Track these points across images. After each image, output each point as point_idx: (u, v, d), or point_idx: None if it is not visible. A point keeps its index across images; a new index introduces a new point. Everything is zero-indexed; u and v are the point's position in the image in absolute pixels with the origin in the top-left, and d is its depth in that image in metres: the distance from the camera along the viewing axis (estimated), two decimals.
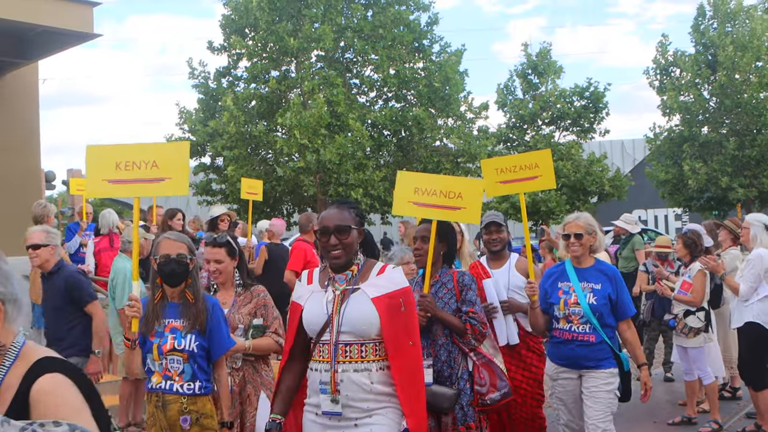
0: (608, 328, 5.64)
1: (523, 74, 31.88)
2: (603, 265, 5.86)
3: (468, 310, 5.25)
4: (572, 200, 30.20)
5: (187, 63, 27.65)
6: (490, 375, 5.35)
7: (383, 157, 27.24)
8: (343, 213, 4.07)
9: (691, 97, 29.99)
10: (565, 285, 5.76)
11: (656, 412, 9.22)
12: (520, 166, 6.29)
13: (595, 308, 5.61)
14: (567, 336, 5.70)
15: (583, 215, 5.89)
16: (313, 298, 4.04)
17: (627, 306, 5.71)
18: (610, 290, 5.64)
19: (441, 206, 5.47)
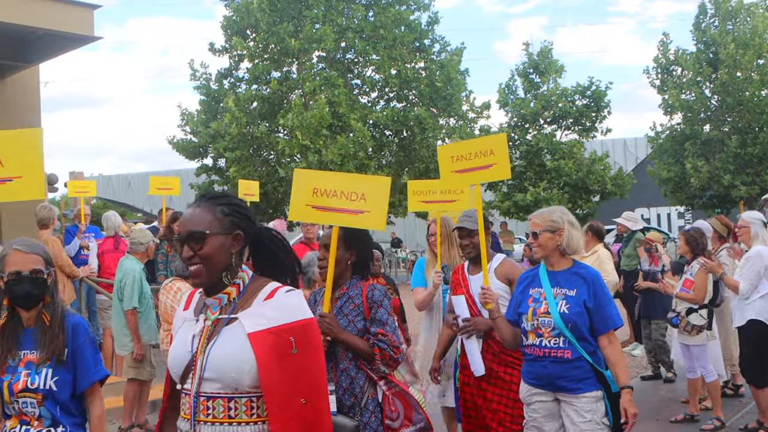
0: (587, 342, 4.78)
1: (525, 73, 31.86)
2: (581, 267, 4.98)
3: (377, 332, 4.45)
4: (574, 199, 30.18)
5: (189, 65, 27.74)
6: (403, 407, 4.57)
7: (385, 158, 27.28)
8: (204, 213, 3.02)
9: (692, 95, 29.96)
10: (536, 291, 4.96)
11: (659, 410, 9.23)
12: (475, 153, 5.64)
13: (567, 318, 4.76)
14: (537, 352, 4.86)
15: (548, 210, 5.09)
16: (183, 330, 3.07)
17: (608, 316, 4.80)
18: (586, 296, 4.79)
19: (341, 210, 4.74)
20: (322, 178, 4.94)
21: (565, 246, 4.88)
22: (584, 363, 4.73)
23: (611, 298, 4.94)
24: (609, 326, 4.79)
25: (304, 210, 4.82)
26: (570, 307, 4.77)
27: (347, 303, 4.61)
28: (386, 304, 4.58)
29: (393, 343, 4.45)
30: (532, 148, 30.56)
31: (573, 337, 4.73)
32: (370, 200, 4.68)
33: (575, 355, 4.74)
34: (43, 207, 9.75)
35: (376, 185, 4.80)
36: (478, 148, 5.76)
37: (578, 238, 4.97)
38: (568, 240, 4.89)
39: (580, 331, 4.74)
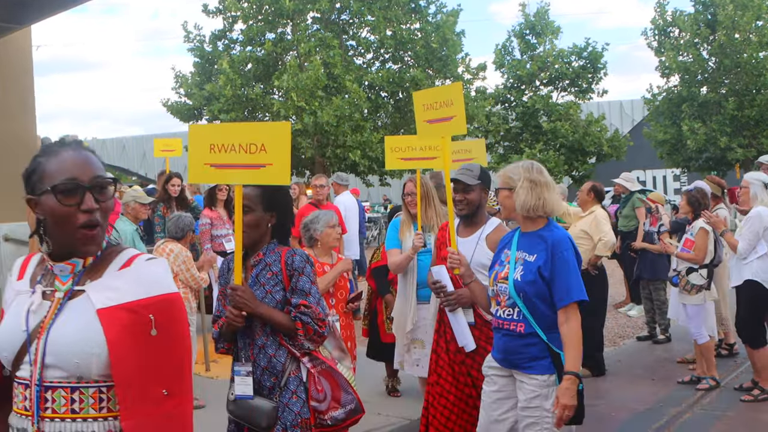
0: (544, 316, 4.26)
1: (521, 34, 31.68)
2: (548, 230, 4.39)
3: (299, 303, 3.97)
4: (570, 161, 30.15)
5: (182, 26, 27.48)
6: (331, 386, 4.10)
7: (381, 119, 27.15)
8: None
9: (690, 57, 29.78)
10: (506, 254, 4.51)
11: (655, 369, 9.29)
12: (439, 102, 5.53)
13: (518, 286, 4.28)
14: (497, 322, 4.48)
15: (514, 165, 4.60)
16: (16, 305, 2.49)
17: (565, 287, 4.20)
18: (542, 263, 4.24)
19: (241, 165, 4.08)
20: (218, 132, 4.26)
21: (521, 205, 4.36)
22: (538, 340, 4.24)
23: (574, 266, 4.27)
24: (566, 299, 4.19)
25: (202, 171, 4.16)
26: (524, 275, 4.27)
27: (264, 271, 4.09)
28: (308, 271, 4.08)
29: (317, 315, 3.98)
30: (528, 110, 30.47)
31: (526, 308, 4.26)
32: (271, 151, 4.05)
33: (528, 330, 4.26)
34: None
35: (275, 133, 4.18)
36: (441, 97, 5.65)
37: (548, 198, 4.36)
38: (525, 198, 4.33)
39: (533, 303, 4.24)
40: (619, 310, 12.93)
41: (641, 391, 8.35)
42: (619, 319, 12.36)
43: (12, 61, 11.71)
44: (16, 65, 11.94)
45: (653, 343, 10.62)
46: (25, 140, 11.88)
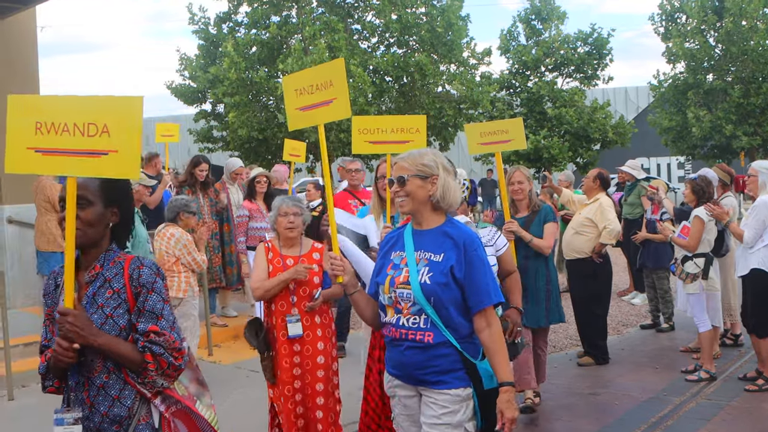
0: (455, 322, 3.76)
1: (527, 19, 31.56)
2: (453, 226, 3.91)
3: (148, 329, 3.16)
4: (575, 147, 30.08)
5: (187, 8, 27.36)
6: (188, 430, 3.40)
7: (385, 104, 27.03)
8: None
9: (696, 43, 29.63)
10: (398, 255, 3.95)
11: (659, 358, 9.28)
12: (315, 85, 5.28)
13: (428, 290, 3.73)
14: (395, 333, 3.85)
15: (419, 152, 3.97)
16: None
17: (483, 289, 3.76)
18: (454, 262, 3.75)
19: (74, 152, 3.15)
20: (46, 107, 3.27)
21: (439, 197, 3.85)
22: (451, 350, 3.73)
23: (489, 265, 3.85)
24: (485, 302, 3.74)
25: (24, 156, 3.22)
26: (433, 276, 3.74)
27: (102, 289, 3.20)
28: (160, 286, 3.24)
29: (172, 343, 3.18)
30: (533, 96, 30.37)
31: (436, 315, 3.72)
32: (116, 134, 3.15)
33: (439, 339, 3.73)
34: None
35: (124, 108, 3.18)
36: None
37: (455, 189, 3.92)
38: (443, 190, 3.86)
39: (445, 308, 3.73)
40: (623, 298, 12.92)
41: (645, 379, 8.34)
42: (622, 307, 12.34)
43: (17, 42, 11.70)
44: (21, 46, 11.92)
45: (657, 332, 10.61)
46: None
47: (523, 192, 7.48)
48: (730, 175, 9.53)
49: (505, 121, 7.40)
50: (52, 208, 9.39)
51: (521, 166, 7.61)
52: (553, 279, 7.57)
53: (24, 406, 7.82)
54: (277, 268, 5.84)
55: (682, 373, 8.46)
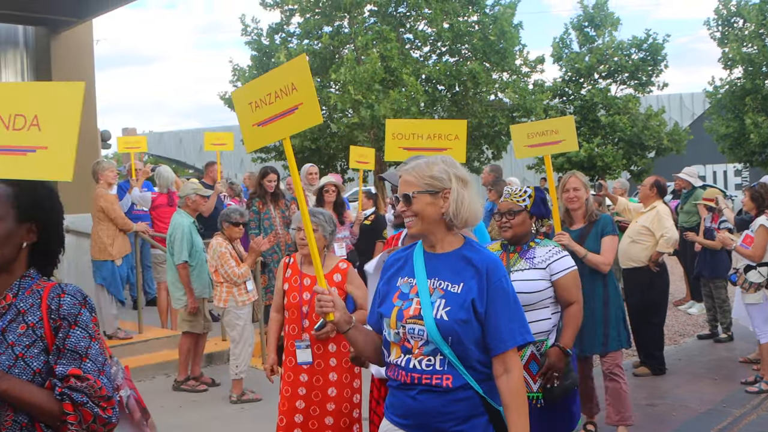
0: (478, 363, 3.17)
1: (579, 26, 31.28)
2: (475, 249, 3.29)
3: (69, 373, 2.56)
4: (629, 155, 29.71)
5: (240, 20, 27.62)
6: None
7: (438, 112, 26.99)
8: None
9: (754, 48, 29.07)
10: (406, 283, 3.31)
11: (717, 369, 9.11)
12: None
13: (445, 327, 3.11)
14: (403, 376, 3.20)
15: (426, 162, 3.30)
16: None
17: (506, 329, 3.16)
18: (476, 294, 3.14)
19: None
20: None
21: (452, 214, 3.21)
22: (471, 393, 3.16)
23: (515, 298, 3.24)
24: (506, 344, 3.15)
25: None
26: (451, 311, 3.13)
27: (14, 324, 2.63)
28: (85, 318, 2.65)
29: (98, 390, 2.57)
30: (586, 103, 30.06)
31: (454, 355, 3.12)
32: (48, 128, 2.75)
33: (458, 382, 3.13)
34: (96, 163, 9.90)
35: (60, 97, 2.77)
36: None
37: (471, 204, 3.26)
38: (458, 206, 3.21)
39: (465, 347, 3.13)
40: (680, 308, 12.71)
41: (703, 390, 8.19)
42: (679, 317, 12.14)
43: (74, 55, 11.94)
44: (78, 59, 12.16)
45: (715, 342, 10.42)
46: (86, 133, 12.13)
47: (578, 200, 6.65)
48: None
49: (554, 120, 6.76)
50: (105, 217, 9.53)
51: (578, 172, 6.80)
52: (612, 300, 6.56)
53: None
54: (294, 287, 5.46)
55: (741, 384, 8.28)
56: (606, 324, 6.52)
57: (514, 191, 5.05)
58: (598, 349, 6.61)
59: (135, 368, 9.18)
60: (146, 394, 8.69)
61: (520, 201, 4.96)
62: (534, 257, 4.93)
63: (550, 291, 4.90)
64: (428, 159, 3.32)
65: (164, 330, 10.51)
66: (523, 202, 4.96)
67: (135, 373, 9.06)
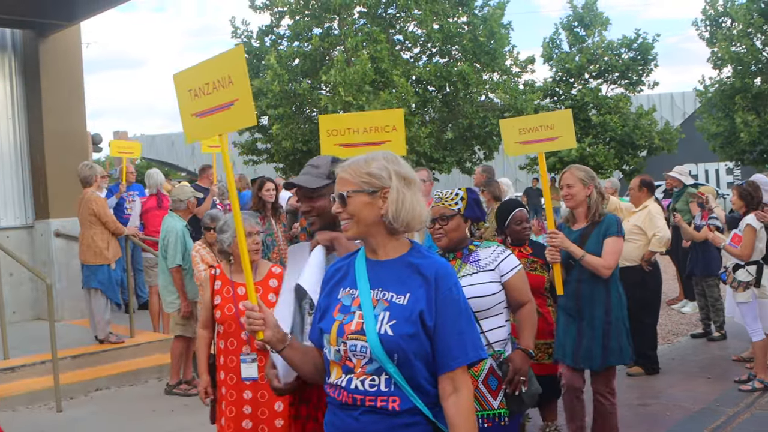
0: (427, 382, 2.81)
1: (569, 26, 31.36)
2: (422, 255, 2.92)
3: None
4: (621, 154, 29.78)
5: (230, 22, 27.62)
6: None
7: (428, 113, 27.01)
8: None
9: (743, 47, 29.19)
10: (348, 294, 2.94)
11: (710, 368, 9.09)
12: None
13: (390, 344, 2.73)
14: (345, 397, 2.83)
15: (365, 158, 2.95)
16: None
17: (457, 345, 2.78)
18: (425, 306, 2.77)
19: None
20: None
21: (392, 217, 2.84)
22: (420, 418, 2.80)
23: (467, 310, 2.87)
24: (457, 361, 2.78)
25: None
26: (396, 325, 2.75)
27: None
28: None
29: None
30: (577, 103, 30.12)
31: (401, 375, 2.75)
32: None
33: (406, 406, 2.77)
34: (84, 165, 9.82)
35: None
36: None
37: (414, 205, 2.88)
38: (398, 207, 2.84)
39: (412, 365, 2.77)
40: (672, 307, 12.71)
41: (696, 390, 8.17)
42: (672, 316, 12.14)
43: (63, 58, 11.88)
44: (66, 62, 12.09)
45: (708, 341, 10.40)
46: (76, 136, 12.07)
47: (574, 198, 5.96)
48: None
49: (550, 114, 6.27)
50: (97, 221, 9.47)
51: (575, 165, 6.11)
52: (614, 309, 5.86)
53: (72, 418, 7.89)
54: (227, 298, 5.09)
55: (735, 383, 8.26)
56: (606, 335, 5.79)
57: (444, 195, 4.61)
58: (595, 363, 5.83)
59: (127, 372, 9.16)
60: (138, 398, 8.68)
61: (452, 205, 4.54)
62: (479, 259, 4.51)
63: (502, 294, 4.48)
64: (368, 155, 2.98)
65: (156, 334, 10.46)
66: (455, 205, 4.54)
67: (127, 377, 9.06)
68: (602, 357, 5.79)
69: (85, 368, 9.15)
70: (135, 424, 7.68)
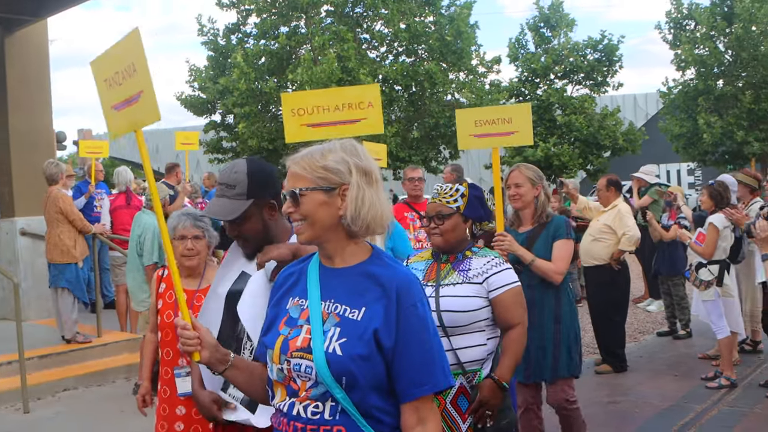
0: (380, 410, 2.40)
1: (535, 27, 31.51)
2: (383, 264, 2.51)
3: None
4: (585, 154, 29.97)
5: (197, 20, 27.43)
6: None
7: (394, 112, 27.02)
8: None
9: (706, 49, 29.58)
10: (297, 304, 2.56)
11: (677, 365, 9.19)
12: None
13: (338, 365, 2.33)
14: (285, 425, 2.46)
15: (320, 150, 2.53)
16: None
17: (421, 370, 2.39)
18: (380, 323, 2.36)
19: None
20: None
21: (351, 219, 2.45)
22: None
23: (434, 331, 2.45)
24: (422, 389, 2.38)
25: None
26: (347, 344, 2.36)
27: None
28: None
29: None
30: (542, 103, 30.26)
31: (350, 402, 2.36)
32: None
33: None
34: (50, 163, 9.70)
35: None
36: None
37: (377, 205, 2.49)
38: (358, 206, 2.46)
39: (363, 392, 2.36)
40: (638, 306, 12.83)
41: (664, 387, 8.25)
42: (638, 314, 12.26)
43: (29, 54, 11.71)
44: (33, 59, 11.92)
45: (674, 339, 10.52)
46: (42, 134, 11.91)
47: (522, 198, 5.54)
48: (758, 179, 9.44)
49: (508, 107, 5.93)
50: (64, 219, 9.36)
51: (524, 164, 5.73)
52: (565, 317, 5.43)
53: (39, 418, 7.79)
54: (168, 304, 4.61)
55: (702, 380, 8.36)
56: (557, 345, 5.37)
57: (443, 190, 4.15)
58: (546, 375, 5.42)
59: (95, 372, 9.06)
60: (106, 398, 8.58)
61: (450, 202, 4.07)
62: (469, 269, 4.02)
63: (487, 311, 3.97)
64: (324, 146, 2.56)
65: (123, 333, 10.36)
66: (454, 203, 4.07)
67: (95, 377, 8.96)
68: (552, 369, 5.38)
69: (52, 368, 9.03)
70: (103, 424, 7.60)
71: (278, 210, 3.29)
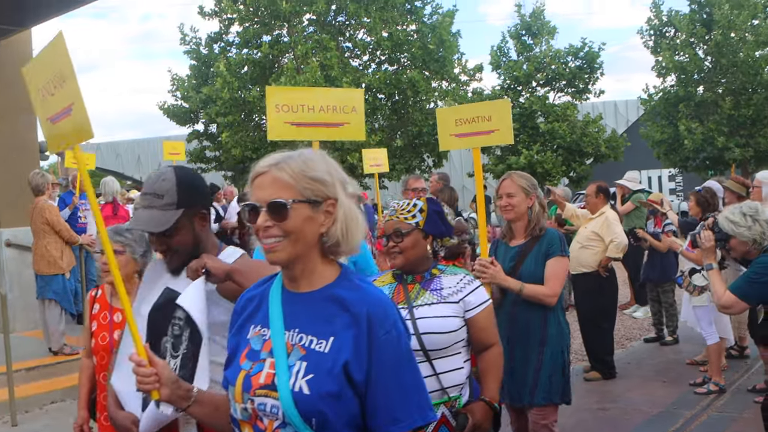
0: None
1: (517, 35, 31.58)
2: (352, 286, 2.23)
3: None
4: (568, 162, 30.04)
5: (179, 29, 27.41)
6: None
7: (378, 121, 27.06)
8: None
9: (686, 56, 29.80)
10: (259, 334, 2.28)
11: (666, 371, 9.23)
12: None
13: (307, 405, 2.08)
14: None
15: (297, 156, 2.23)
16: None
17: (399, 405, 2.13)
18: (351, 355, 2.10)
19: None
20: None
21: (340, 237, 2.21)
22: None
23: (412, 359, 2.19)
24: (400, 425, 2.12)
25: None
26: (314, 380, 2.10)
27: None
28: None
29: None
30: (525, 111, 30.32)
31: None
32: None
33: None
34: (36, 174, 9.67)
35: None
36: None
37: (360, 223, 2.27)
38: (347, 225, 2.23)
39: (335, 431, 2.10)
40: (624, 312, 12.87)
41: (653, 393, 8.28)
42: (624, 321, 12.29)
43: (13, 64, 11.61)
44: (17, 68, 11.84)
45: (661, 345, 10.56)
46: (26, 144, 11.84)
47: (514, 209, 5.12)
48: (746, 186, 9.49)
49: (487, 104, 5.78)
50: (51, 230, 9.31)
51: (516, 172, 5.35)
52: (551, 341, 4.99)
53: (27, 431, 7.72)
54: (103, 326, 4.34)
55: (690, 386, 8.40)
56: (538, 369, 4.96)
57: (400, 207, 3.88)
58: (524, 398, 4.99)
59: None
60: None
61: (409, 218, 3.80)
62: (441, 288, 3.79)
63: (464, 332, 3.77)
64: (302, 153, 2.25)
65: None
66: (413, 219, 3.80)
67: None
68: (530, 393, 4.96)
69: (39, 381, 8.95)
70: None
71: (209, 221, 3.14)
